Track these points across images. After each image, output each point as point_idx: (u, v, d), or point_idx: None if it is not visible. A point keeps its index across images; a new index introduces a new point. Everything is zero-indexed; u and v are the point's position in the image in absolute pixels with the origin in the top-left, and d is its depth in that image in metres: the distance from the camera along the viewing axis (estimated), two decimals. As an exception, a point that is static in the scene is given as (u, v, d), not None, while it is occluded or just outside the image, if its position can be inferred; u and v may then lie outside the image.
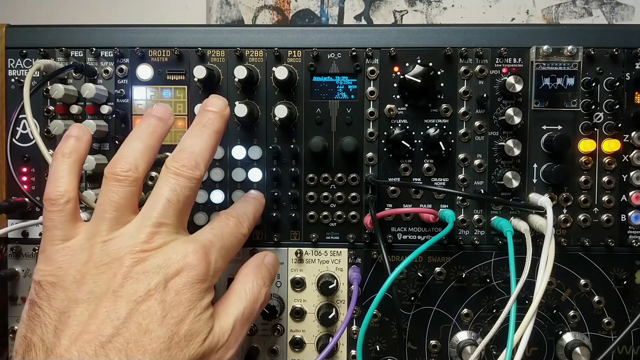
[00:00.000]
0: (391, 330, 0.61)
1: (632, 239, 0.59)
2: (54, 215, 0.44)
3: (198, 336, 0.41)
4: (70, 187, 0.45)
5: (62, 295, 0.41)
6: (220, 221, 0.49)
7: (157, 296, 0.40)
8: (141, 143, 0.46)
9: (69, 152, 0.47)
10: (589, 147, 0.58)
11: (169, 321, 0.40)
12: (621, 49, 0.58)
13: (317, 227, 0.61)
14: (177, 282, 0.41)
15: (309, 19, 0.95)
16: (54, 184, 0.45)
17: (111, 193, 0.44)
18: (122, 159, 0.45)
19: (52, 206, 0.44)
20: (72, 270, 0.42)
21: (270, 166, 0.60)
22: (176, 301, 0.41)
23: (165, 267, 0.41)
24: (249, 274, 0.49)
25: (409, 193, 0.60)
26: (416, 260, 0.60)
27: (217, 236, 0.46)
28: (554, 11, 0.92)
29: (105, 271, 0.41)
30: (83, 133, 0.48)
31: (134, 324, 0.39)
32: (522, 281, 0.48)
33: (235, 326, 0.45)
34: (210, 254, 0.44)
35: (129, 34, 0.61)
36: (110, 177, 0.44)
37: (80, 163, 0.47)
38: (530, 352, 0.60)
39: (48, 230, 0.44)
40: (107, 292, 0.40)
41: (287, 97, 0.60)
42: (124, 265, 0.41)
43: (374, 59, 0.59)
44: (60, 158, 0.46)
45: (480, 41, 0.59)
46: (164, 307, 0.40)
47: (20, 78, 0.61)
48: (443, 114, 0.59)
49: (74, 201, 0.45)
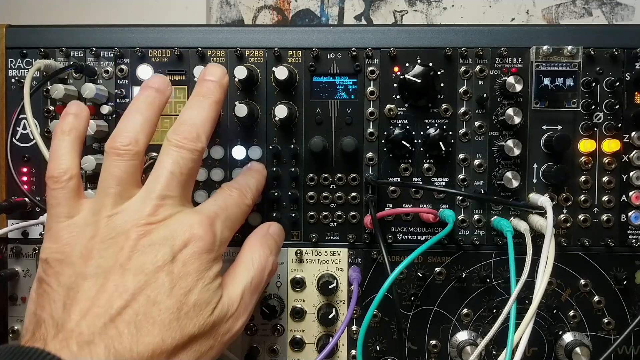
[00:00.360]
0: (391, 330, 0.61)
1: (632, 239, 0.59)
2: (57, 193, 0.44)
3: (207, 306, 0.41)
4: (72, 164, 0.45)
5: (69, 271, 0.41)
6: (223, 193, 0.49)
7: (166, 268, 0.40)
8: (140, 116, 0.46)
9: (69, 130, 0.47)
10: (589, 147, 0.58)
11: (177, 292, 0.40)
12: (621, 49, 0.58)
13: (317, 227, 0.61)
14: (184, 253, 0.41)
15: (309, 19, 0.95)
16: (56, 162, 0.45)
17: (113, 168, 0.44)
18: (121, 132, 0.45)
19: (55, 184, 0.44)
20: (79, 246, 0.42)
21: (270, 166, 0.60)
22: (184, 272, 0.41)
23: (171, 238, 0.41)
24: (255, 244, 0.49)
25: (409, 193, 0.60)
26: (416, 260, 0.60)
27: (221, 207, 0.46)
28: (554, 11, 0.92)
29: (111, 245, 0.41)
30: (81, 110, 0.48)
31: (143, 296, 0.39)
32: (522, 281, 0.48)
33: (244, 295, 0.45)
34: (216, 225, 0.44)
35: (129, 34, 0.61)
36: (111, 152, 0.44)
37: (81, 140, 0.47)
38: (530, 352, 0.60)
39: (52, 208, 0.44)
40: (114, 266, 0.40)
41: (287, 97, 0.60)
42: (130, 239, 0.41)
43: (374, 59, 0.59)
44: (60, 136, 0.46)
45: (480, 41, 0.59)
46: (172, 279, 0.40)
47: (20, 78, 0.61)
48: (443, 114, 0.59)
49: (76, 178, 0.45)
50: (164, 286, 0.40)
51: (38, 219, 0.60)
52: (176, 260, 0.41)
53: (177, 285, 0.40)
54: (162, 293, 0.39)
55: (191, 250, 0.42)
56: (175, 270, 0.40)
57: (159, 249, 0.41)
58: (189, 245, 0.42)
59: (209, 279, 0.42)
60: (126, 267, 0.40)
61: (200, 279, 0.41)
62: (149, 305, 0.39)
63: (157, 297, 0.39)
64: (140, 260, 0.40)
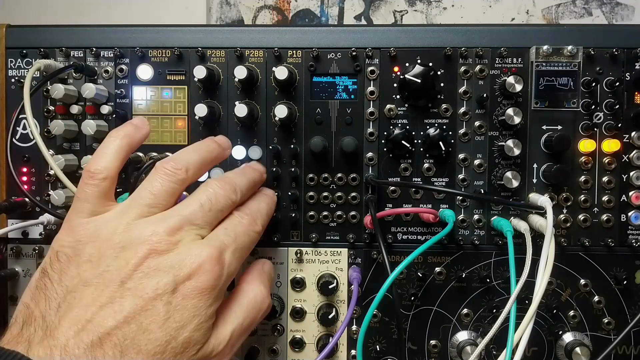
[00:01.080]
0: (391, 330, 0.61)
1: (632, 239, 0.59)
2: (88, 188, 0.44)
3: (194, 346, 0.41)
4: (111, 166, 0.45)
5: (73, 273, 0.40)
6: (233, 220, 0.48)
7: (165, 297, 0.40)
8: (197, 155, 0.48)
9: (123, 135, 0.47)
10: (589, 147, 0.58)
11: (170, 325, 0.39)
12: (621, 49, 0.58)
13: (317, 227, 0.61)
14: (186, 286, 0.41)
15: (309, 19, 0.95)
16: (97, 159, 0.46)
17: (155, 182, 0.44)
18: (176, 159, 0.46)
19: (90, 179, 0.44)
20: (90, 246, 0.41)
21: (270, 166, 0.60)
22: (181, 305, 0.40)
23: (177, 268, 0.41)
24: (252, 280, 0.49)
25: (409, 193, 0.60)
26: (416, 260, 0.60)
27: (231, 237, 0.46)
28: (554, 11, 0.92)
29: (120, 256, 0.41)
30: (143, 125, 0.50)
31: (136, 321, 0.38)
32: (522, 281, 0.48)
33: (232, 336, 0.44)
34: (225, 258, 0.44)
35: (129, 34, 0.61)
36: (160, 169, 0.45)
37: (129, 149, 0.48)
38: (530, 352, 0.60)
39: (79, 202, 0.44)
40: (115, 280, 0.40)
41: (287, 97, 0.60)
42: (137, 255, 0.40)
43: (374, 59, 0.59)
44: (112, 138, 0.47)
45: (480, 41, 0.59)
46: (168, 310, 0.39)
47: (20, 78, 0.61)
48: (443, 114, 0.59)
49: (110, 180, 0.45)
50: (159, 316, 0.39)
51: (38, 219, 0.60)
52: (177, 291, 0.40)
53: (171, 317, 0.39)
54: (154, 322, 0.39)
55: (194, 284, 0.41)
56: (174, 302, 0.40)
57: (163, 276, 0.40)
58: (193, 278, 0.41)
59: (204, 317, 0.41)
60: (127, 285, 0.39)
61: (196, 316, 0.41)
62: (139, 332, 0.38)
63: (149, 325, 0.39)
64: (141, 282, 0.40)
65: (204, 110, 0.56)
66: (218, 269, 0.42)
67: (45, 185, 0.61)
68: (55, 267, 0.41)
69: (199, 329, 0.41)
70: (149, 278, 0.40)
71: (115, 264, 0.40)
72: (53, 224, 0.61)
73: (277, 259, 0.61)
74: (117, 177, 0.46)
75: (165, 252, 0.41)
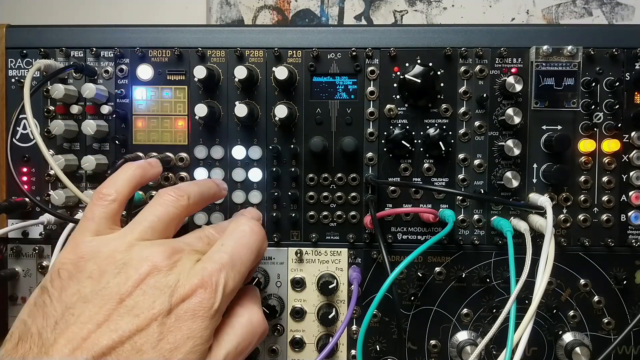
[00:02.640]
0: (391, 330, 0.61)
1: (632, 239, 0.59)
2: (95, 209, 0.45)
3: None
4: (123, 192, 0.47)
5: (74, 289, 0.41)
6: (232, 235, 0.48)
7: (159, 318, 0.39)
8: (198, 187, 0.50)
9: (137, 167, 0.49)
10: (589, 147, 0.58)
11: (163, 346, 0.39)
12: (621, 49, 0.58)
13: (317, 227, 0.61)
14: (181, 307, 0.41)
15: (309, 19, 0.95)
16: (110, 182, 0.47)
17: (158, 206, 0.46)
18: (178, 186, 0.48)
19: (99, 200, 0.45)
20: (92, 263, 0.42)
21: (270, 166, 0.60)
22: (175, 327, 0.40)
23: (174, 288, 0.41)
24: (246, 305, 0.48)
25: (409, 193, 0.60)
26: (416, 260, 0.60)
27: (229, 254, 0.45)
28: (554, 11, 0.92)
29: (120, 272, 0.41)
30: (157, 165, 0.53)
31: (130, 342, 0.38)
32: (522, 281, 0.48)
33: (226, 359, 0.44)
34: (220, 280, 0.43)
35: (129, 34, 0.61)
36: (163, 195, 0.46)
37: (141, 180, 0.49)
38: (530, 352, 0.60)
39: (85, 221, 0.45)
40: (114, 297, 0.40)
41: (287, 97, 0.60)
42: (138, 272, 0.41)
43: (374, 59, 0.59)
44: (127, 168, 0.49)
45: (480, 41, 0.59)
46: (162, 331, 0.39)
47: (20, 78, 0.61)
48: (443, 114, 0.59)
49: (119, 204, 0.46)
50: (153, 336, 0.39)
51: (38, 219, 0.60)
52: (171, 312, 0.40)
53: (164, 339, 0.39)
54: (148, 343, 0.39)
55: (187, 305, 0.41)
56: (168, 323, 0.40)
57: (159, 295, 0.40)
58: (187, 300, 0.41)
59: (200, 340, 0.41)
60: (125, 303, 0.40)
61: (190, 338, 0.40)
62: (133, 352, 0.38)
63: (143, 346, 0.39)
64: (139, 301, 0.40)
65: (204, 110, 0.56)
66: (212, 291, 0.42)
67: (45, 185, 0.61)
68: (55, 284, 0.41)
69: (194, 351, 0.40)
70: (146, 297, 0.40)
71: (116, 280, 0.41)
72: (53, 224, 0.61)
73: (277, 258, 0.61)
74: (125, 204, 0.47)
75: (164, 271, 0.41)
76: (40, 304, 0.41)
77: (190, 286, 0.41)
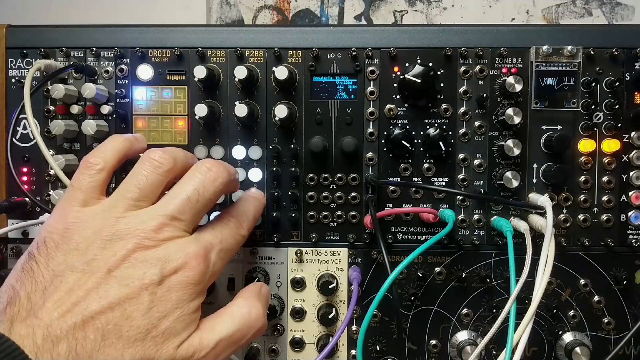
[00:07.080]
0: (391, 330, 0.61)
1: (632, 239, 0.59)
2: (83, 178, 0.45)
3: (175, 337, 0.41)
4: (110, 161, 0.46)
5: (60, 259, 0.41)
6: (221, 221, 0.49)
7: (150, 288, 0.40)
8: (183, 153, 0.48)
9: (124, 139, 0.49)
10: (589, 147, 0.58)
11: (153, 314, 0.40)
12: (621, 49, 0.58)
13: (317, 227, 0.61)
14: (172, 279, 0.42)
15: (309, 19, 0.95)
16: (97, 152, 0.47)
17: (140, 175, 0.45)
18: (166, 150, 0.47)
19: (86, 169, 0.45)
20: (78, 235, 0.42)
21: (270, 166, 0.60)
22: (166, 297, 0.41)
23: (164, 261, 0.42)
24: (249, 298, 0.49)
25: (409, 193, 0.60)
26: (416, 260, 0.60)
27: (217, 238, 0.47)
28: (554, 11, 0.92)
29: (107, 246, 0.41)
30: (142, 139, 0.53)
31: (120, 308, 0.39)
32: (522, 281, 0.48)
33: (217, 345, 0.44)
34: (210, 257, 0.45)
35: (129, 34, 0.61)
36: (147, 159, 0.45)
37: (128, 152, 0.49)
38: (530, 352, 0.60)
39: (72, 190, 0.45)
40: (102, 268, 0.40)
41: (287, 97, 0.60)
42: (125, 247, 0.41)
43: (374, 59, 0.59)
44: (115, 138, 0.49)
45: (480, 41, 0.59)
46: (152, 299, 0.40)
47: (20, 78, 0.61)
48: (443, 114, 0.59)
49: (106, 173, 0.46)
50: (143, 305, 0.40)
51: (38, 219, 0.60)
52: (162, 283, 0.41)
53: (155, 307, 0.40)
54: (138, 310, 0.40)
55: (180, 278, 0.42)
56: (159, 292, 0.41)
57: (149, 268, 0.41)
58: (179, 272, 0.42)
59: (187, 310, 0.42)
60: (113, 273, 0.40)
61: (178, 308, 0.42)
62: (122, 319, 0.39)
63: (133, 313, 0.39)
64: (128, 272, 0.40)
65: (204, 110, 0.56)
66: (204, 266, 0.43)
67: (46, 185, 0.61)
68: (42, 252, 0.42)
69: (180, 320, 0.42)
70: (136, 269, 0.41)
71: (103, 253, 0.41)
72: (53, 224, 0.61)
73: (277, 258, 0.61)
74: (112, 174, 0.47)
75: (152, 247, 0.42)
76: (28, 270, 0.41)
77: (183, 260, 0.42)
